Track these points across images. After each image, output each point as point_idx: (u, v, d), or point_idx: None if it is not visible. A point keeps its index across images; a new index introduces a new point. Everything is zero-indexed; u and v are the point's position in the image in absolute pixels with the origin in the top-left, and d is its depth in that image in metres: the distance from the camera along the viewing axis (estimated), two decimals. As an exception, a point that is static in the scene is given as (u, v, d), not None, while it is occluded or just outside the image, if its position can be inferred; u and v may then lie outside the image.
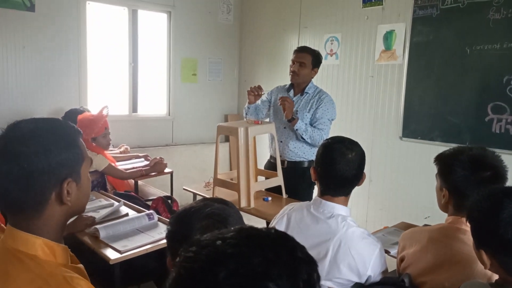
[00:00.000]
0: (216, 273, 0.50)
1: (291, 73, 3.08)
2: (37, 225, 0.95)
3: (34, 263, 0.92)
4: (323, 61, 2.99)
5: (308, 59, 3.03)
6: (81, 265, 1.06)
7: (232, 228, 0.57)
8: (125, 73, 4.71)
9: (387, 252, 1.93)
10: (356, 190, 1.62)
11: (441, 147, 1.84)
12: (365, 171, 1.60)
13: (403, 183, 3.87)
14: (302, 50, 3.08)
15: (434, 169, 1.57)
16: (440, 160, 1.54)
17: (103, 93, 4.58)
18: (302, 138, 2.97)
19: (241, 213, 1.13)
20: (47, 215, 0.96)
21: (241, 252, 0.52)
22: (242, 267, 0.50)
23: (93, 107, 4.09)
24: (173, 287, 0.54)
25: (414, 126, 3.77)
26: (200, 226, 0.98)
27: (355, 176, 1.56)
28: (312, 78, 3.13)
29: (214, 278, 0.50)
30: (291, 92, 3.15)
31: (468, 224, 1.18)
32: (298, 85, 3.12)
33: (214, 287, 0.49)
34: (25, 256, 0.92)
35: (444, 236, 1.47)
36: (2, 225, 1.88)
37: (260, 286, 0.49)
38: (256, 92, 3.04)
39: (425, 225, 2.11)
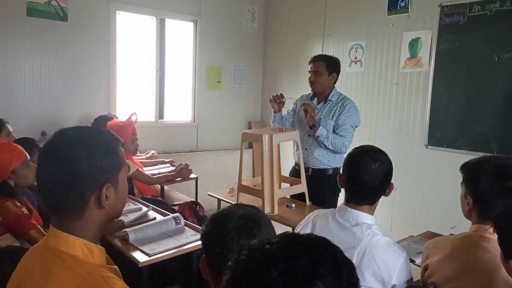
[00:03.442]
0: (269, 273, 0.55)
1: (309, 84, 3.10)
2: (77, 226, 1.00)
3: (74, 262, 0.97)
4: (347, 68, 2.99)
5: (321, 66, 3.04)
6: (116, 266, 1.10)
7: (277, 234, 0.64)
8: (152, 80, 4.83)
9: (412, 261, 1.93)
10: (380, 199, 1.64)
11: (467, 156, 1.83)
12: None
13: (429, 191, 3.82)
14: (315, 59, 3.10)
15: (460, 178, 1.57)
16: (466, 168, 1.55)
17: (130, 100, 4.71)
18: (323, 144, 2.98)
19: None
20: (87, 218, 1.01)
21: (289, 254, 0.58)
22: (291, 268, 0.56)
23: (120, 114, 4.21)
24: (229, 287, 0.59)
25: (440, 134, 3.73)
26: (234, 226, 1.04)
27: (378, 186, 1.57)
28: (334, 83, 3.12)
29: (267, 277, 0.55)
30: (315, 101, 3.17)
31: (492, 232, 1.18)
32: (321, 93, 3.13)
33: (268, 285, 0.55)
34: (66, 255, 0.97)
35: (467, 244, 1.47)
36: (39, 227, 1.97)
37: (309, 284, 0.54)
38: (278, 100, 3.07)
39: (451, 234, 2.09)
